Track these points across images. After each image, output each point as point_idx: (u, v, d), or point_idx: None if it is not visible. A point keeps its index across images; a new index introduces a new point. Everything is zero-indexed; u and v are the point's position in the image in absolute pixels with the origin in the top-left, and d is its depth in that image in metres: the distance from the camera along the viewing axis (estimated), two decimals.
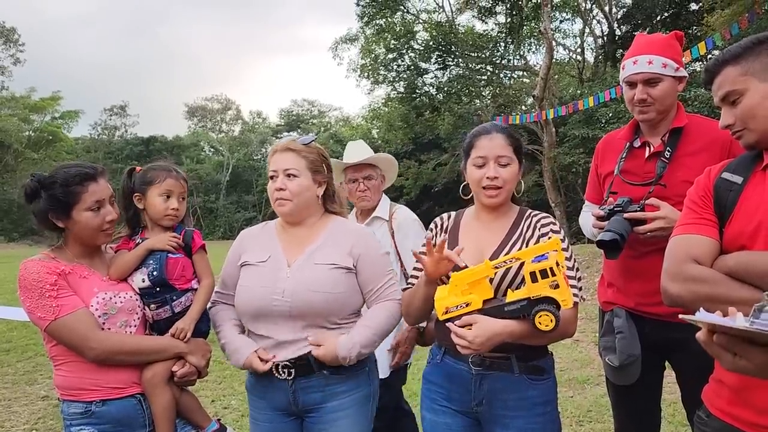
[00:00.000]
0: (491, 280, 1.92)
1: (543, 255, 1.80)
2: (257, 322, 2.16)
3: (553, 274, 1.76)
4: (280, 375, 2.11)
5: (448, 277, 1.95)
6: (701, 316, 1.22)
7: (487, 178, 2.03)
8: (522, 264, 1.86)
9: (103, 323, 2.07)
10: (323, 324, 2.12)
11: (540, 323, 1.78)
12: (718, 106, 1.64)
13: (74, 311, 2.01)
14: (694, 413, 1.74)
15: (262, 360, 2.11)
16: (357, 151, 3.29)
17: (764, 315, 1.17)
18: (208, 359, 2.29)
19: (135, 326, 2.17)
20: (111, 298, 2.11)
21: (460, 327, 1.84)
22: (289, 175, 2.16)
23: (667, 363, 2.49)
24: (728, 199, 1.59)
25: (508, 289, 1.92)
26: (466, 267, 1.91)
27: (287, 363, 2.11)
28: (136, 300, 2.19)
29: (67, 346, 2.04)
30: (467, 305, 1.86)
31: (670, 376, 2.52)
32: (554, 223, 2.10)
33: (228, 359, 2.21)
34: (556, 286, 1.77)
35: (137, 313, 2.18)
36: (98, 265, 2.19)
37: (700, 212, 1.63)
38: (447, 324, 1.87)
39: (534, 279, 1.78)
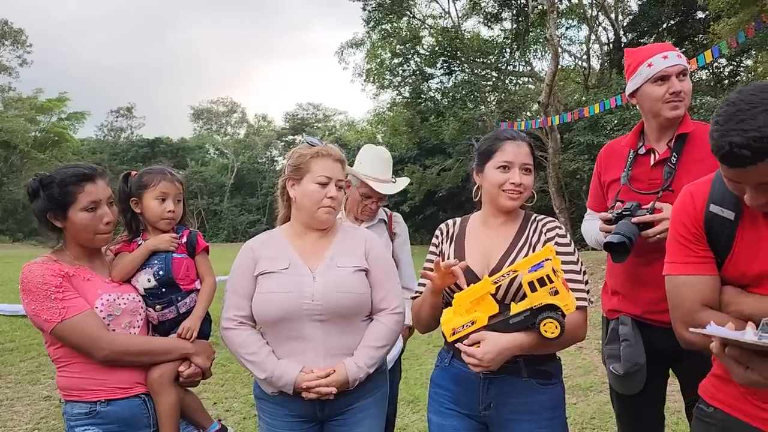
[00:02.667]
0: (494, 296, 1.93)
1: (539, 264, 1.81)
2: (281, 324, 2.14)
3: (551, 281, 1.78)
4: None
5: (452, 297, 1.96)
6: (712, 329, 1.24)
7: (512, 183, 2.04)
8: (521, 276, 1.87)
9: (108, 324, 2.08)
10: (347, 324, 2.16)
11: (545, 331, 1.80)
12: (746, 185, 1.44)
13: (81, 312, 2.01)
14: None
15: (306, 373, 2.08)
16: (384, 169, 3.13)
17: None
18: (212, 360, 2.31)
19: (138, 327, 2.18)
20: (115, 300, 2.12)
21: (468, 345, 1.85)
22: (339, 187, 2.22)
23: (669, 372, 2.49)
24: (723, 236, 1.58)
25: (512, 302, 1.93)
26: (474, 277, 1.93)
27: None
28: (139, 301, 2.19)
29: (75, 348, 2.04)
30: (473, 323, 1.87)
31: (672, 385, 2.51)
32: (560, 227, 2.10)
33: (269, 384, 2.14)
34: (556, 293, 1.79)
35: (140, 315, 2.19)
36: (99, 267, 2.19)
37: (696, 250, 1.61)
38: (456, 345, 1.89)
39: (533, 288, 1.79)
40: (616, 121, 17.27)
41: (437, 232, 2.26)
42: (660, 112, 2.33)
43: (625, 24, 24.10)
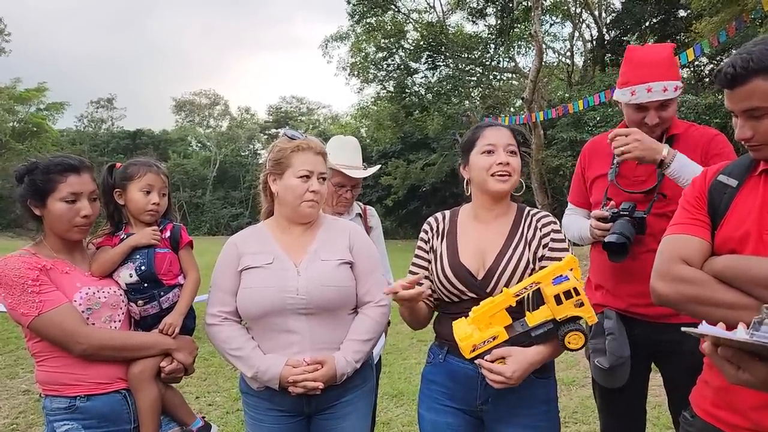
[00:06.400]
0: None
1: (563, 276, 1.79)
2: (266, 319, 2.12)
3: (577, 294, 1.76)
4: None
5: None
6: (704, 329, 1.23)
7: (499, 164, 2.00)
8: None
9: (87, 318, 2.04)
10: (333, 318, 2.14)
11: (570, 342, 1.80)
12: (733, 112, 1.55)
13: (58, 306, 1.98)
14: (680, 415, 1.76)
15: (292, 366, 2.06)
16: (352, 155, 3.14)
17: (764, 328, 1.18)
18: (195, 356, 2.28)
19: (119, 321, 2.15)
20: (95, 293, 2.08)
21: (491, 361, 1.82)
22: (322, 179, 2.19)
23: (652, 366, 2.51)
24: (721, 202, 1.59)
25: (526, 311, 1.91)
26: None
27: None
28: (120, 295, 2.16)
29: (53, 342, 2.01)
30: (494, 338, 1.82)
31: (654, 379, 2.54)
32: (554, 222, 2.09)
33: (255, 380, 2.11)
34: (581, 305, 1.77)
35: (121, 309, 2.16)
36: (79, 260, 2.16)
37: (693, 212, 1.63)
38: (477, 361, 1.84)
39: (559, 301, 1.77)
40: (598, 118, 17.36)
41: (426, 227, 2.20)
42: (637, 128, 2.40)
43: (608, 21, 24.20)
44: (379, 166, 3.35)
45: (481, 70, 26.76)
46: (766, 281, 1.40)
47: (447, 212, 2.23)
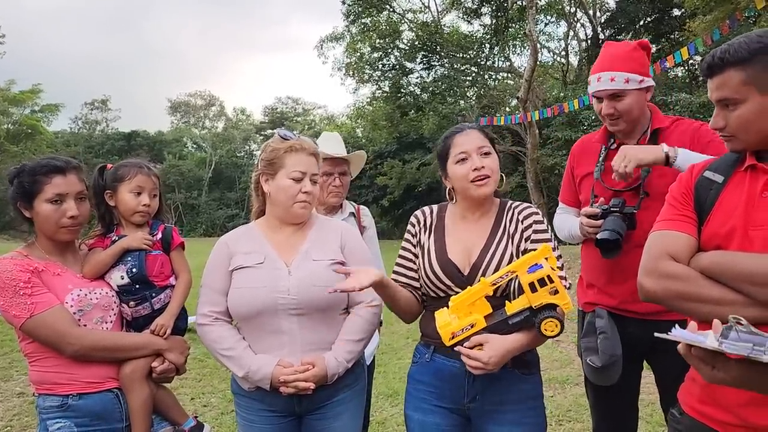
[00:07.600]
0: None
1: (537, 265, 1.82)
2: (257, 319, 2.12)
3: (551, 281, 1.79)
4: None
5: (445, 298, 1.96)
6: (676, 334, 1.26)
7: (474, 169, 2.02)
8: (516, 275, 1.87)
9: (79, 319, 2.05)
10: (324, 318, 2.14)
11: (546, 330, 1.82)
12: (711, 100, 1.60)
13: (50, 308, 1.99)
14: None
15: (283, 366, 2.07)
16: (334, 144, 3.19)
17: (732, 334, 1.21)
18: (187, 356, 2.28)
19: (111, 322, 2.15)
20: (86, 295, 2.09)
21: (470, 348, 1.84)
22: (314, 181, 2.19)
23: (645, 364, 2.52)
24: (708, 198, 1.60)
25: (506, 301, 1.93)
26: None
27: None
28: (112, 296, 2.16)
29: (45, 343, 2.02)
30: (472, 326, 1.86)
31: (647, 377, 2.55)
32: (536, 213, 2.10)
33: (246, 380, 2.11)
34: (556, 292, 1.80)
35: (113, 310, 2.16)
36: (71, 262, 2.16)
37: (679, 209, 1.64)
38: (456, 348, 1.87)
39: (533, 289, 1.80)
40: (593, 117, 17.42)
41: (413, 220, 2.22)
42: (604, 122, 2.49)
43: (602, 20, 24.29)
44: (363, 152, 3.36)
45: (476, 70, 26.80)
46: (751, 277, 1.41)
47: (434, 207, 2.24)
